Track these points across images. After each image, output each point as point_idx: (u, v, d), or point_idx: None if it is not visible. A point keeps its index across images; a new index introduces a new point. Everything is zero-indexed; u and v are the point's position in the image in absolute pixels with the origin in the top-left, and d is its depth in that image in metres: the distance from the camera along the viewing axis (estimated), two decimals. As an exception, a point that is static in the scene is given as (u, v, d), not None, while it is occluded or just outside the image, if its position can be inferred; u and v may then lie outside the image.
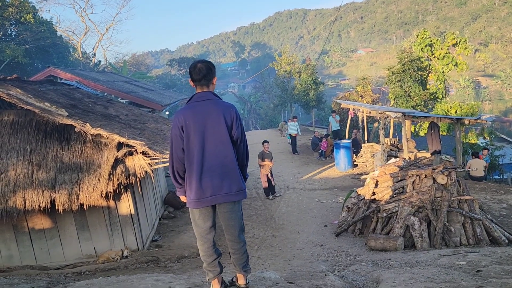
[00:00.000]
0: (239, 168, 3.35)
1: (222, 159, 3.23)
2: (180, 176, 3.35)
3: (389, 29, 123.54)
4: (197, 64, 3.30)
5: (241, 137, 3.35)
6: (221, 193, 3.23)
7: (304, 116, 46.35)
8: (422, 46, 21.63)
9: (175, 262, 7.74)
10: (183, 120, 3.21)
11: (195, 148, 3.20)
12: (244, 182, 3.40)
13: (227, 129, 3.24)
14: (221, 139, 3.23)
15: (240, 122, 3.36)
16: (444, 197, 7.03)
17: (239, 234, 3.40)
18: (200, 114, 3.22)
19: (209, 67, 3.30)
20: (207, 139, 3.21)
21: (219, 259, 3.45)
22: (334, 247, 7.52)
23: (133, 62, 48.93)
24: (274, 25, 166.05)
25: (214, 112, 3.23)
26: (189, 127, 3.20)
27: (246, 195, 3.40)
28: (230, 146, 3.27)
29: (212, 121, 3.21)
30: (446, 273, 3.93)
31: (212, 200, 3.24)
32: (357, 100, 22.91)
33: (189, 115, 3.22)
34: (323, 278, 4.24)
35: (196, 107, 3.24)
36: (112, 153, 7.68)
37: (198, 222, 3.34)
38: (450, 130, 18.78)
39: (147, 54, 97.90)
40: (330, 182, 13.24)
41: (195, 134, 3.19)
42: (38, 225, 7.92)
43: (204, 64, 3.30)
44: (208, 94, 3.30)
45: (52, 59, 30.20)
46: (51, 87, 9.99)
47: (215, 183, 3.21)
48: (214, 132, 3.21)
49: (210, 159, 3.21)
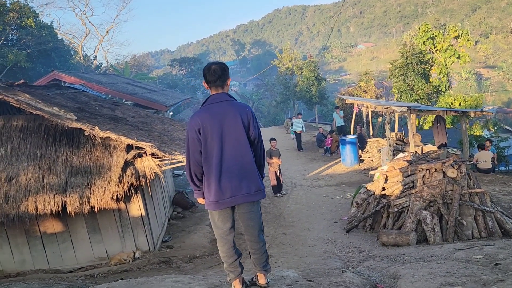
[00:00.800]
0: (257, 168, 3.35)
1: (240, 159, 3.23)
2: (198, 179, 3.34)
3: (389, 23, 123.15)
4: (211, 65, 3.29)
5: (258, 137, 3.36)
6: (240, 194, 3.23)
7: (307, 112, 46.30)
8: (424, 39, 21.57)
9: (187, 262, 7.77)
10: (200, 123, 3.20)
11: (214, 150, 3.19)
12: (262, 182, 3.40)
13: (244, 129, 3.24)
14: (239, 139, 3.22)
15: (256, 122, 3.37)
16: (455, 190, 7.02)
17: (258, 234, 3.40)
18: (217, 116, 3.20)
19: (224, 68, 3.30)
20: (225, 141, 3.20)
21: (239, 260, 3.46)
22: (345, 243, 7.52)
23: (134, 63, 48.96)
24: (273, 22, 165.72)
25: (230, 113, 3.22)
26: (207, 129, 3.18)
27: (265, 194, 3.40)
28: (248, 146, 3.27)
29: (229, 122, 3.20)
30: (464, 267, 3.93)
31: (231, 201, 3.23)
32: (361, 95, 22.87)
33: (206, 117, 3.20)
34: (340, 275, 4.26)
35: (212, 109, 3.23)
36: (122, 156, 7.70)
37: (218, 224, 3.35)
38: (454, 123, 18.73)
39: (147, 55, 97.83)
40: (337, 178, 13.24)
41: (213, 136, 3.18)
42: (50, 229, 7.95)
43: (219, 65, 3.29)
44: (223, 95, 3.30)
45: (54, 62, 30.25)
46: (58, 91, 10.02)
47: (234, 184, 3.20)
48: (231, 133, 3.20)
49: (228, 160, 3.20)
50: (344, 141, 14.69)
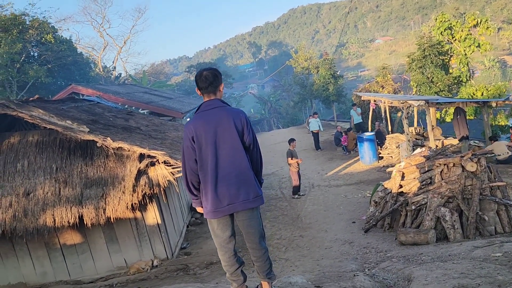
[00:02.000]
0: (254, 174, 3.27)
1: (237, 166, 3.17)
2: (195, 188, 3.29)
3: (407, 15, 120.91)
4: (203, 72, 3.24)
5: (253, 142, 3.28)
6: (238, 201, 3.17)
7: (325, 111, 45.89)
8: (441, 30, 20.97)
9: (204, 268, 7.74)
10: (194, 131, 3.16)
11: (209, 158, 3.14)
12: (260, 188, 3.33)
13: (238, 135, 3.18)
14: (234, 146, 3.17)
15: (251, 127, 3.29)
16: (474, 185, 6.76)
17: (259, 241, 3.33)
18: (210, 123, 3.15)
19: (215, 74, 3.25)
20: (220, 147, 3.15)
21: (241, 268, 3.38)
22: (363, 244, 7.35)
23: (152, 72, 49.68)
24: (288, 22, 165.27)
25: (224, 119, 3.17)
26: (201, 137, 3.14)
27: (263, 201, 3.32)
28: (243, 152, 3.21)
29: (223, 129, 3.15)
30: (481, 266, 3.75)
31: (229, 208, 3.18)
32: (378, 91, 22.46)
33: (199, 124, 3.17)
34: (351, 279, 4.13)
35: (205, 116, 3.19)
36: (135, 165, 7.77)
37: (217, 232, 3.30)
38: (477, 114, 18.16)
39: (165, 63, 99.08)
40: (355, 177, 13.01)
41: (207, 144, 3.13)
42: (69, 241, 8.08)
43: (210, 71, 3.24)
44: (216, 101, 3.24)
45: (74, 76, 30.95)
46: (72, 104, 10.21)
47: (231, 192, 3.15)
48: (226, 139, 3.15)
49: (224, 167, 3.15)
50: (361, 138, 14.43)
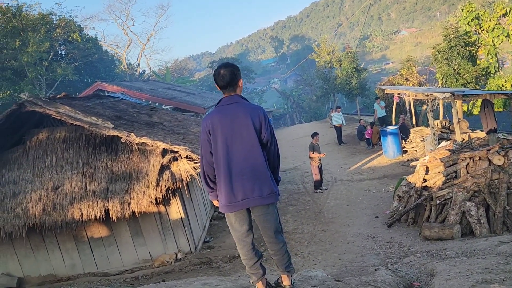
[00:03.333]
0: (270, 171, 3.27)
1: (252, 162, 3.17)
2: (211, 180, 3.32)
3: (432, 6, 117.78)
4: (220, 70, 3.23)
5: (271, 139, 3.26)
6: (252, 197, 3.17)
7: (348, 105, 45.39)
8: (468, 20, 20.38)
9: (227, 262, 7.84)
10: (210, 124, 3.19)
11: (222, 152, 3.16)
12: (277, 185, 3.33)
13: (255, 131, 3.17)
14: (250, 141, 3.17)
15: (269, 123, 3.28)
16: (502, 179, 6.58)
17: (276, 235, 3.33)
18: (227, 117, 3.17)
19: (233, 72, 3.22)
20: (235, 142, 3.16)
21: (260, 261, 3.39)
22: (386, 238, 7.28)
23: (175, 68, 50.17)
24: (311, 16, 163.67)
25: (241, 115, 3.17)
26: (216, 131, 3.16)
27: (278, 198, 3.31)
28: (259, 148, 3.19)
29: (239, 124, 3.16)
30: (506, 262, 3.67)
31: (243, 203, 3.19)
32: (402, 84, 22.04)
33: (216, 119, 3.19)
34: (373, 274, 4.11)
35: (223, 111, 3.20)
36: (158, 160, 7.92)
37: (235, 226, 3.31)
38: (506, 106, 17.62)
39: (188, 59, 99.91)
40: (379, 171, 12.85)
41: (222, 138, 3.15)
42: (96, 234, 8.32)
43: (227, 69, 3.22)
44: (235, 97, 3.25)
45: (100, 73, 31.63)
46: (97, 101, 10.46)
47: (246, 187, 3.16)
48: (242, 135, 3.16)
49: (239, 162, 3.16)
50: (385, 132, 14.22)
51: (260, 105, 36.21)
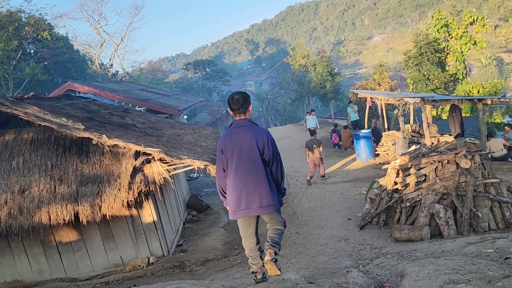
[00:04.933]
0: (273, 185, 3.85)
1: (254, 177, 3.74)
2: (223, 191, 3.96)
3: (404, 13, 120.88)
4: (234, 96, 3.86)
5: (273, 158, 3.82)
6: (252, 207, 3.77)
7: (323, 108, 45.88)
8: (438, 28, 21.01)
9: (200, 265, 7.78)
10: (223, 144, 3.84)
11: (232, 168, 3.77)
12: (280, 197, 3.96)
13: (258, 151, 3.76)
14: (253, 160, 3.75)
15: (273, 145, 3.85)
16: (468, 181, 6.80)
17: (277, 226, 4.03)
18: (236, 139, 3.80)
19: (245, 97, 3.88)
20: (242, 160, 3.75)
21: (261, 255, 3.97)
22: (358, 240, 7.39)
23: (149, 69, 49.50)
24: (286, 20, 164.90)
25: (248, 137, 3.78)
26: (227, 150, 3.80)
27: (276, 208, 3.88)
28: (261, 165, 3.77)
29: (246, 145, 3.76)
30: (472, 262, 3.78)
31: (245, 212, 3.80)
32: (375, 88, 22.49)
33: (227, 140, 3.84)
34: (345, 276, 4.16)
35: (234, 133, 3.84)
36: (130, 162, 7.77)
37: (241, 228, 3.96)
38: (473, 111, 18.23)
39: (163, 60, 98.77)
40: (352, 174, 13.05)
41: (232, 156, 3.77)
42: (65, 238, 8.08)
43: (241, 95, 3.86)
44: (244, 121, 3.86)
45: (71, 73, 30.84)
46: (68, 102, 10.19)
47: (249, 198, 3.74)
48: (248, 154, 3.75)
49: (244, 177, 3.74)
50: (358, 136, 14.47)
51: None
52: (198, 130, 12.55)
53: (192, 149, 9.47)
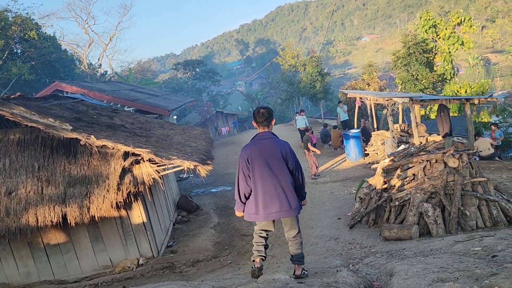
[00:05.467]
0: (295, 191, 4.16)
1: (279, 184, 4.05)
2: (244, 197, 4.20)
3: (393, 13, 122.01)
4: (260, 109, 4.18)
5: (296, 167, 4.17)
6: (273, 212, 4.10)
7: (313, 108, 46.05)
8: (426, 28, 21.22)
9: (190, 266, 7.74)
10: (249, 154, 4.09)
11: (259, 175, 4.04)
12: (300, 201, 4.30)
13: (283, 161, 4.07)
14: (279, 169, 4.06)
15: (294, 156, 4.20)
16: (456, 180, 6.86)
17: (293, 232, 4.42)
18: (262, 150, 4.07)
19: (270, 112, 4.20)
20: (270, 169, 4.03)
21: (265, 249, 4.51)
22: (348, 239, 7.41)
23: (139, 70, 49.22)
24: (276, 20, 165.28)
25: (273, 148, 4.06)
26: (254, 159, 4.05)
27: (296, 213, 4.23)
28: (288, 174, 4.10)
29: (272, 155, 4.04)
30: (460, 260, 3.82)
31: (267, 216, 4.14)
32: (364, 88, 22.64)
33: (254, 150, 4.09)
34: (334, 275, 4.17)
35: (259, 144, 4.10)
36: (119, 163, 7.70)
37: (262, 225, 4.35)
38: (461, 111, 18.44)
39: (152, 60, 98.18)
40: (341, 174, 13.10)
41: (258, 165, 4.04)
42: (52, 240, 7.99)
43: (266, 109, 4.20)
44: (268, 133, 4.15)
45: (58, 73, 30.52)
46: (55, 102, 10.06)
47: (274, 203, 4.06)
48: (274, 163, 4.04)
49: (267, 184, 4.03)
50: (347, 135, 14.54)
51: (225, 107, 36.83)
52: (187, 131, 12.50)
53: (182, 149, 9.42)
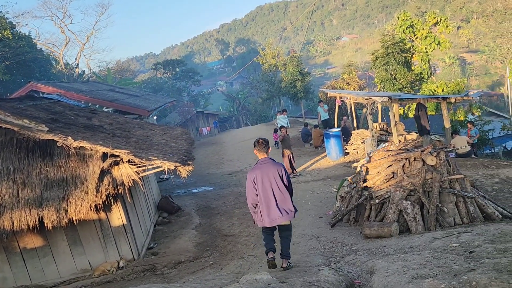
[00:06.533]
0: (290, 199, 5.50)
1: (279, 197, 5.40)
2: (254, 207, 5.53)
3: (371, 14, 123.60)
4: (260, 140, 5.52)
5: (289, 182, 5.52)
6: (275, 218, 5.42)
7: (293, 108, 46.28)
8: (403, 28, 21.59)
9: (172, 268, 7.65)
10: (255, 176, 5.40)
11: (262, 192, 5.36)
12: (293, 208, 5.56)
13: (280, 179, 5.39)
14: (278, 185, 5.38)
15: (287, 173, 5.56)
16: (434, 178, 6.99)
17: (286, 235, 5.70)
18: (264, 171, 5.39)
19: (267, 141, 5.57)
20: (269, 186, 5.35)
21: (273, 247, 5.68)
22: (329, 238, 7.46)
23: (118, 69, 48.49)
24: (256, 20, 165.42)
25: (273, 170, 5.40)
26: (259, 180, 5.37)
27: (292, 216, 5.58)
28: (284, 188, 5.43)
29: (273, 175, 5.37)
30: (439, 257, 3.87)
31: (272, 222, 5.44)
32: (344, 87, 22.87)
33: (257, 172, 5.40)
34: (316, 274, 4.18)
35: (262, 168, 5.42)
36: (98, 165, 7.55)
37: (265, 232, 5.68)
38: (438, 109, 18.79)
39: (131, 60, 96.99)
40: (323, 173, 13.19)
41: (262, 183, 5.35)
42: (29, 244, 7.78)
43: (264, 140, 5.55)
44: (267, 159, 5.51)
45: (34, 73, 29.81)
46: (31, 103, 9.81)
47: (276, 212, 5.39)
48: (274, 181, 5.37)
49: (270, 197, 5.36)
50: (328, 134, 14.64)
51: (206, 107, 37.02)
52: (168, 131, 12.36)
53: (162, 150, 9.31)
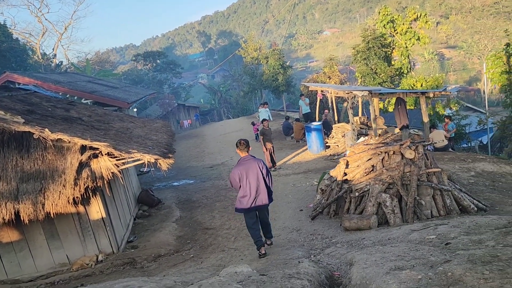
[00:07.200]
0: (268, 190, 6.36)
1: (260, 188, 6.24)
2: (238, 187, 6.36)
3: (353, 8, 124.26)
4: (241, 140, 6.35)
5: (268, 175, 6.37)
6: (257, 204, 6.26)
7: (275, 101, 46.33)
8: (384, 23, 21.77)
9: (152, 261, 7.61)
10: (239, 172, 6.17)
11: (247, 183, 6.18)
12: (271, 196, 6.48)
13: (261, 172, 6.22)
14: (259, 177, 6.20)
15: (266, 167, 6.42)
16: (412, 171, 7.11)
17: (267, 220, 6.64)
18: (248, 167, 6.20)
19: (248, 142, 6.42)
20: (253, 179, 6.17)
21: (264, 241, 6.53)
22: (310, 231, 7.53)
23: (97, 61, 47.51)
24: (238, 12, 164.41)
25: (254, 165, 6.22)
26: (243, 175, 6.18)
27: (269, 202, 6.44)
28: (263, 180, 6.25)
29: (255, 169, 6.20)
30: (416, 249, 3.95)
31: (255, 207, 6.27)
32: (325, 81, 22.99)
33: (241, 169, 6.19)
34: (296, 266, 4.21)
35: (245, 164, 6.22)
36: (76, 157, 7.41)
37: (247, 220, 6.43)
38: (417, 104, 19.10)
39: (111, 51, 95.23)
40: (303, 166, 13.27)
41: (247, 177, 6.17)
42: (5, 238, 7.61)
43: (244, 140, 6.38)
44: (249, 156, 6.31)
45: (9, 63, 28.98)
46: (6, 94, 9.54)
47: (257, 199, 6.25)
48: (256, 174, 6.18)
49: (253, 188, 6.19)
50: (309, 128, 14.71)
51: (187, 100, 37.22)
52: (148, 123, 12.22)
53: (142, 142, 9.21)
